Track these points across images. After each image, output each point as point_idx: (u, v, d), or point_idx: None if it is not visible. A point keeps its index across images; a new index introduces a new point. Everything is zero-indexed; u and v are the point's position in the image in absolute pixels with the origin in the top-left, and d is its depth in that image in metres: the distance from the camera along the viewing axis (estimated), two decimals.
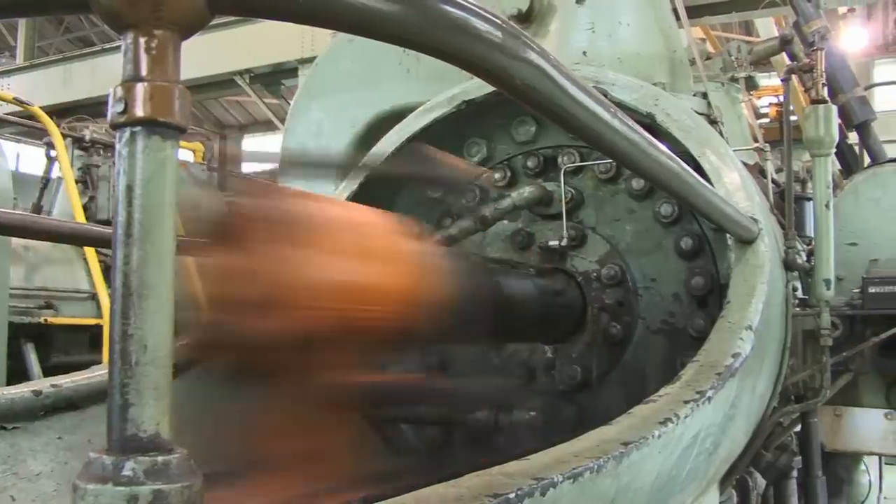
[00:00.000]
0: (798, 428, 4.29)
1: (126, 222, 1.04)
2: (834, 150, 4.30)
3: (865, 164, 6.69)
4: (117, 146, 1.06)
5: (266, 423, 2.03)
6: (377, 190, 4.00)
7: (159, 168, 1.04)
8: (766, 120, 12.48)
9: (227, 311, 1.87)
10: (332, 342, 2.05)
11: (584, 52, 4.23)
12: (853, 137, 7.44)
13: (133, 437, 1.02)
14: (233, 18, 12.72)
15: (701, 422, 2.40)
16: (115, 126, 1.05)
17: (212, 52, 13.53)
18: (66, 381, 2.75)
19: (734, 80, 6.83)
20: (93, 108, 14.58)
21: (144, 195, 1.04)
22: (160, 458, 1.02)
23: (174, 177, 1.06)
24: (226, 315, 1.87)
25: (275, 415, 2.02)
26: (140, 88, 1.03)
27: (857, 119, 6.90)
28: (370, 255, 2.18)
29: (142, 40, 1.03)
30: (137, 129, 1.04)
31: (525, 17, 4.39)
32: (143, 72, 1.03)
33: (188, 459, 1.06)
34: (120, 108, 1.04)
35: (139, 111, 1.03)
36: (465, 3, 1.23)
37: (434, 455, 3.76)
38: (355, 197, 3.90)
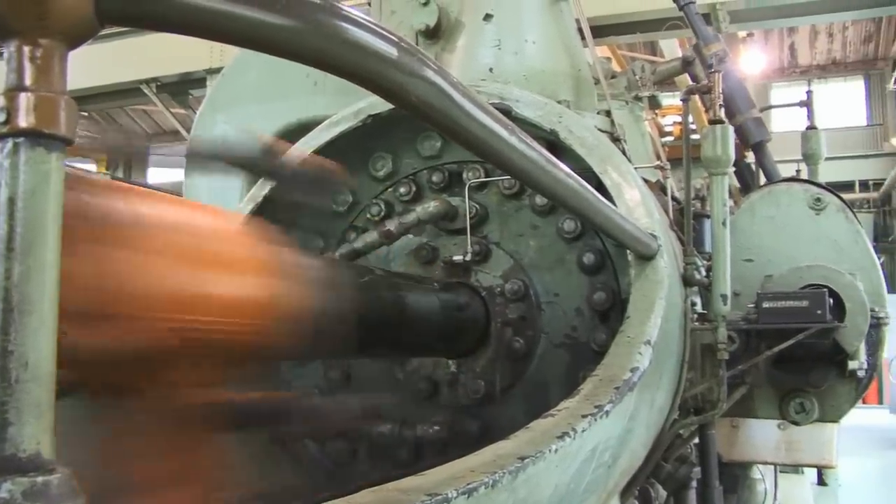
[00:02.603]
0: (697, 439, 4.39)
1: (7, 236, 1.01)
2: (731, 169, 4.42)
3: (762, 183, 6.92)
4: None
5: (129, 446, 1.77)
6: (284, 198, 3.96)
7: (43, 180, 1.02)
8: (671, 138, 12.80)
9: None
10: (172, 357, 1.79)
11: (491, 69, 4.27)
12: (752, 157, 7.69)
13: (11, 458, 0.99)
14: None
15: (599, 435, 2.44)
16: None
17: (118, 59, 13.26)
18: None
19: (638, 98, 7.00)
20: None
21: (27, 208, 1.01)
22: (40, 479, 0.99)
23: (59, 190, 1.04)
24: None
25: (135, 436, 1.78)
26: (23, 98, 1.00)
27: (753, 139, 7.15)
28: (212, 260, 1.92)
29: (26, 49, 1.00)
30: (20, 140, 1.01)
31: (433, 33, 4.41)
32: (27, 81, 1.00)
33: (71, 479, 1.03)
34: (2, 117, 1.01)
35: (22, 122, 1.00)
36: (360, 20, 1.23)
37: (339, 470, 3.73)
38: (260, 208, 3.85)
